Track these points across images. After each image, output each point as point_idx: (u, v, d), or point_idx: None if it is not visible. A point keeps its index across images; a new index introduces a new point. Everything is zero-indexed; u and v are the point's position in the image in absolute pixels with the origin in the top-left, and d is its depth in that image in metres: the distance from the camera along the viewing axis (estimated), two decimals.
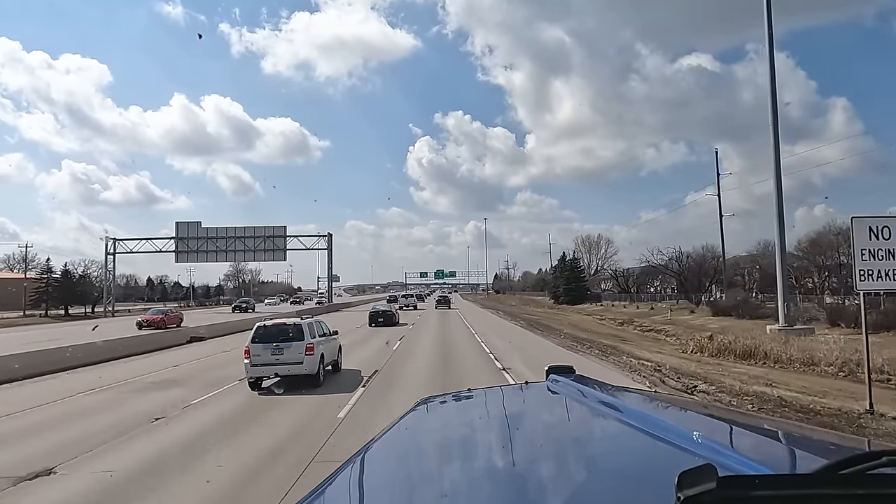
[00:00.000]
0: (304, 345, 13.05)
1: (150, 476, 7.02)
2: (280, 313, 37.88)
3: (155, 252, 66.28)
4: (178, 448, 8.24)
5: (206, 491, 6.31)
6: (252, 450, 8.04)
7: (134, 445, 8.43)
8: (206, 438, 8.71)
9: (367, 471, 1.47)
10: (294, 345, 13.00)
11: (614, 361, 17.37)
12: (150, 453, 7.97)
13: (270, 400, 11.93)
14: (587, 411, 1.63)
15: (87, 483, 6.77)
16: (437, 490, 1.25)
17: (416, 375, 14.88)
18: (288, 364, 12.86)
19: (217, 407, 11.21)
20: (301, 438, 8.56)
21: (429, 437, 1.81)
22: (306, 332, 13.26)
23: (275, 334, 13.20)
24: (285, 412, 10.57)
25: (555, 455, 1.38)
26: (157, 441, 8.70)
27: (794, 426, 2.25)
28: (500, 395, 2.20)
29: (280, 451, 7.87)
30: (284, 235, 65.34)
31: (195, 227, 64.99)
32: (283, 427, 9.36)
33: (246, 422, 9.96)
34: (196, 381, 14.37)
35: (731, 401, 10.96)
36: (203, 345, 24.87)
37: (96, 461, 7.62)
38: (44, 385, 14.66)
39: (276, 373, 12.95)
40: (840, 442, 1.30)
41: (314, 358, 13.13)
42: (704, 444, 1.10)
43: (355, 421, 9.41)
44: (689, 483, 0.76)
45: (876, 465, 0.85)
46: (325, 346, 14.06)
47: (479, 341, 23.26)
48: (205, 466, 7.17)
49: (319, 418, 9.86)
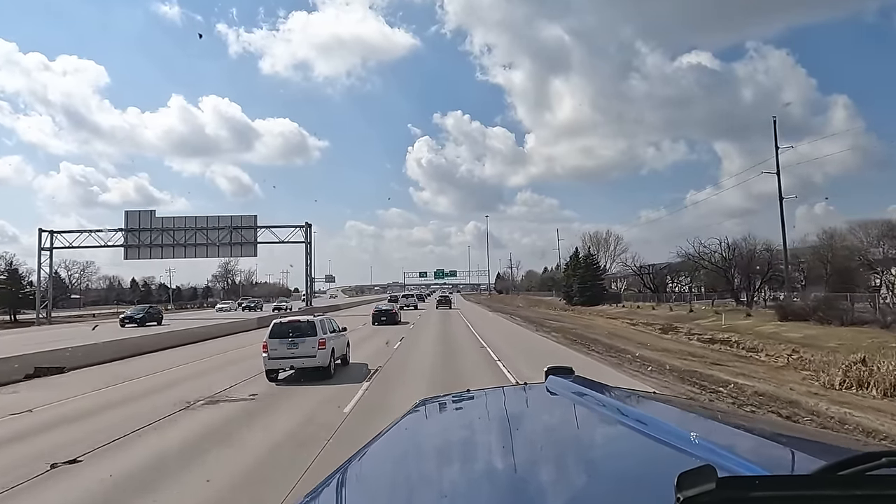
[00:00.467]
0: (317, 340, 13.98)
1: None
2: (229, 319, 36.12)
3: (99, 247, 57.18)
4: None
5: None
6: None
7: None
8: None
9: (366, 471, 1.47)
10: (308, 340, 13.95)
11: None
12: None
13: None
14: (587, 412, 1.63)
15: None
16: (437, 491, 1.26)
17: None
18: (302, 357, 13.85)
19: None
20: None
21: (428, 437, 1.82)
22: (319, 329, 14.24)
23: (290, 330, 14.13)
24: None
25: (554, 456, 1.39)
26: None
27: (793, 427, 2.23)
28: (500, 396, 2.20)
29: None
30: (254, 227, 56.21)
31: (147, 216, 56.00)
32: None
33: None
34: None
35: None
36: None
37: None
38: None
39: (292, 365, 13.97)
40: (839, 443, 1.30)
41: (326, 352, 14.10)
42: (704, 445, 1.10)
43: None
44: (688, 484, 0.77)
45: (875, 465, 0.85)
46: (335, 342, 15.00)
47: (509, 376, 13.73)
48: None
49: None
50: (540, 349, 21.10)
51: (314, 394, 12.00)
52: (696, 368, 16.35)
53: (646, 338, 28.19)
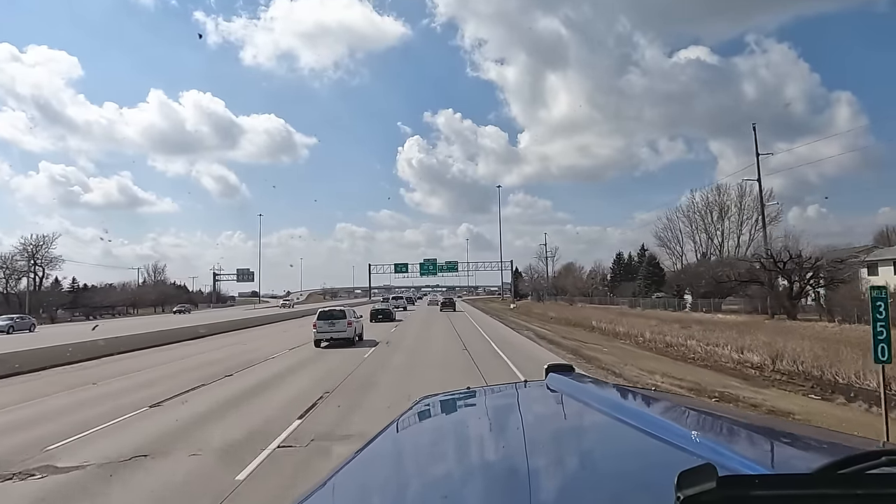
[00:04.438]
0: (347, 321, 22.36)
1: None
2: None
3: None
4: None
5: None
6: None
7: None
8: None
9: (366, 470, 1.47)
10: (341, 321, 22.24)
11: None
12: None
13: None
14: (587, 410, 1.63)
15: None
16: (437, 489, 1.26)
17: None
18: (337, 332, 22.04)
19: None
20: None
21: (428, 435, 1.82)
22: (348, 314, 22.73)
23: (330, 315, 22.44)
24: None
25: (554, 454, 1.39)
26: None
27: (793, 425, 2.25)
28: (500, 394, 2.20)
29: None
30: None
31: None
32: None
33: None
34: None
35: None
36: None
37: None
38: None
39: (332, 337, 21.94)
40: (839, 441, 1.30)
41: (352, 329, 22.65)
42: (704, 443, 1.10)
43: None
44: (688, 483, 0.76)
45: (875, 464, 0.85)
46: (356, 324, 23.57)
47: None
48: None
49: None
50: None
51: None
52: None
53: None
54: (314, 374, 15.30)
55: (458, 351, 20.27)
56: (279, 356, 19.61)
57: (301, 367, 16.98)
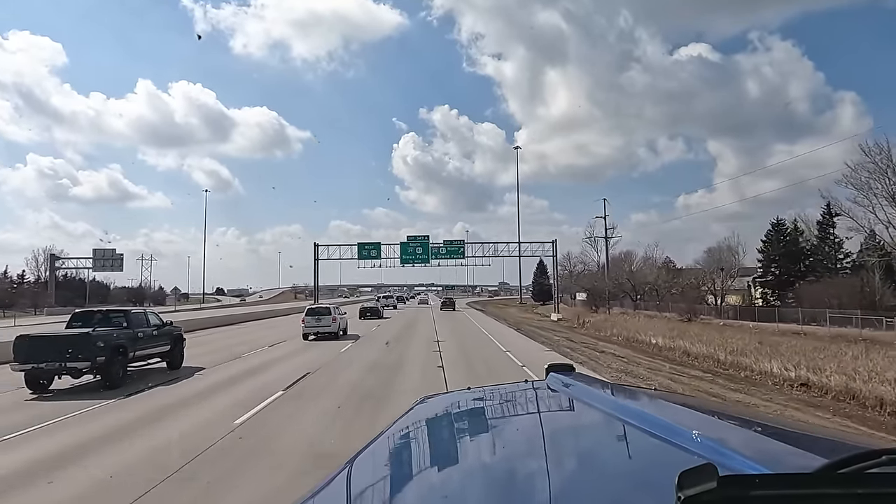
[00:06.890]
0: (332, 317, 25.66)
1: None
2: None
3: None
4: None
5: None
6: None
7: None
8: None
9: (366, 471, 1.48)
10: (327, 317, 25.57)
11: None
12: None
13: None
14: (588, 410, 1.63)
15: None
16: (438, 490, 1.26)
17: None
18: (323, 327, 25.32)
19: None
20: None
21: (428, 436, 1.82)
22: (333, 311, 26.24)
23: (317, 311, 26.06)
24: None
25: (555, 454, 1.39)
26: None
27: (794, 425, 2.26)
28: (501, 394, 2.20)
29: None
30: None
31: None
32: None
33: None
34: None
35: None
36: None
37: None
38: None
39: (318, 331, 25.24)
40: (840, 441, 1.30)
41: (336, 324, 25.94)
42: (705, 443, 1.10)
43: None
44: (689, 482, 0.76)
45: (875, 464, 0.85)
46: (341, 319, 27.12)
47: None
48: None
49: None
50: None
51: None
52: None
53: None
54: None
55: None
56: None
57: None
